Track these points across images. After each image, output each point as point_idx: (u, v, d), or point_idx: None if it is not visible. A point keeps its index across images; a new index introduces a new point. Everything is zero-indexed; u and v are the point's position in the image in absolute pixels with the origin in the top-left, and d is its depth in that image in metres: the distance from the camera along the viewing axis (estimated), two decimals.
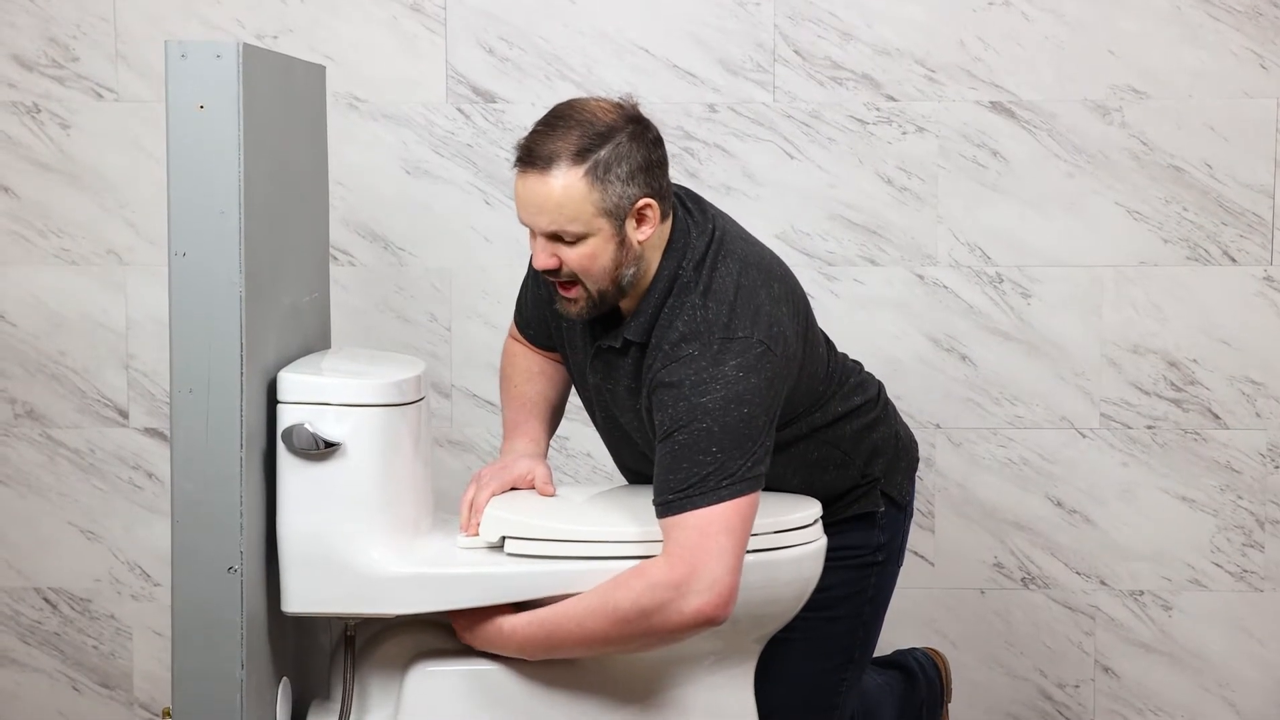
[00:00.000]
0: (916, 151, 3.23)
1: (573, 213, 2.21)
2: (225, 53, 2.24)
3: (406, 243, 3.29)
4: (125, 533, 3.33)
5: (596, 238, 2.23)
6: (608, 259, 2.25)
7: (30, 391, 3.31)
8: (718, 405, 2.20)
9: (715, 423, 2.20)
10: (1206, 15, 3.19)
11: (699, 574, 2.18)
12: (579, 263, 2.24)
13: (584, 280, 2.26)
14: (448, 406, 3.31)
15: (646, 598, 2.20)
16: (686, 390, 2.21)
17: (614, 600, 2.22)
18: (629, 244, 2.25)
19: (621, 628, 2.23)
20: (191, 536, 2.27)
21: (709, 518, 2.19)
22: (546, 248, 2.25)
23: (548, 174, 2.21)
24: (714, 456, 2.20)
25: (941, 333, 3.27)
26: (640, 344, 2.32)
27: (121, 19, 3.25)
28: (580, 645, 2.27)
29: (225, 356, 2.25)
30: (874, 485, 2.53)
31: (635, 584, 2.21)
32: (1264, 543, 3.27)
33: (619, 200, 2.22)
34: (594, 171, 2.21)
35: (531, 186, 2.23)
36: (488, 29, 3.25)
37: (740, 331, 2.25)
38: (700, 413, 2.20)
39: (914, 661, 2.90)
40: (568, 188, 2.20)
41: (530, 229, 2.27)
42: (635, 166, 2.23)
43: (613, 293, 2.29)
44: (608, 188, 2.21)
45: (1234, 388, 3.25)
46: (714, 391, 2.21)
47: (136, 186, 3.27)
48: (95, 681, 3.36)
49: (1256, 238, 3.22)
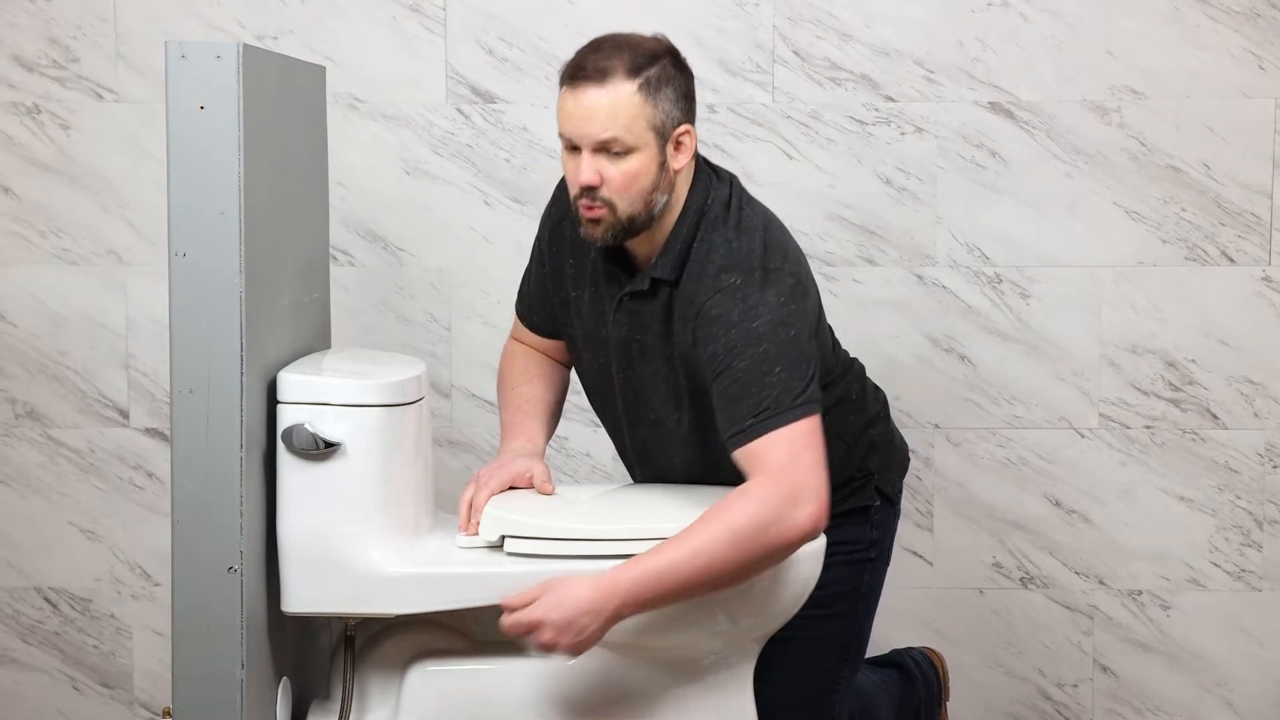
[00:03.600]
0: (915, 152, 3.24)
1: (626, 122, 2.28)
2: (225, 53, 2.24)
3: (406, 243, 3.30)
4: (125, 532, 3.34)
5: (643, 154, 2.30)
6: (648, 180, 2.31)
7: (31, 391, 3.32)
8: (769, 329, 2.28)
9: (771, 345, 2.27)
10: (1205, 16, 3.20)
11: (801, 487, 2.23)
12: (621, 180, 2.30)
13: (619, 201, 2.31)
14: (447, 406, 3.31)
15: (763, 512, 2.21)
16: (736, 318, 2.29)
17: (730, 522, 2.21)
18: (667, 169, 2.33)
19: (740, 549, 2.21)
20: (192, 536, 2.28)
21: (791, 436, 2.25)
22: (592, 163, 2.30)
23: (604, 85, 2.28)
24: (778, 377, 2.26)
25: (940, 333, 3.27)
26: (670, 283, 2.36)
27: (122, 20, 3.25)
28: (694, 582, 2.22)
29: (225, 357, 2.26)
30: (869, 480, 2.55)
31: (747, 503, 2.22)
32: (1262, 542, 3.27)
33: (665, 120, 2.31)
34: (647, 87, 2.29)
35: (587, 97, 2.28)
36: (487, 29, 3.25)
37: (773, 264, 2.33)
38: (755, 338, 2.27)
39: (910, 660, 2.91)
40: (625, 98, 2.28)
41: (575, 144, 2.31)
42: (679, 92, 2.33)
43: (641, 219, 2.34)
44: (658, 104, 2.30)
45: (1232, 388, 3.25)
46: (763, 316, 2.28)
47: (137, 187, 3.27)
48: (95, 681, 3.37)
49: (1255, 238, 3.23)
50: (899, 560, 3.28)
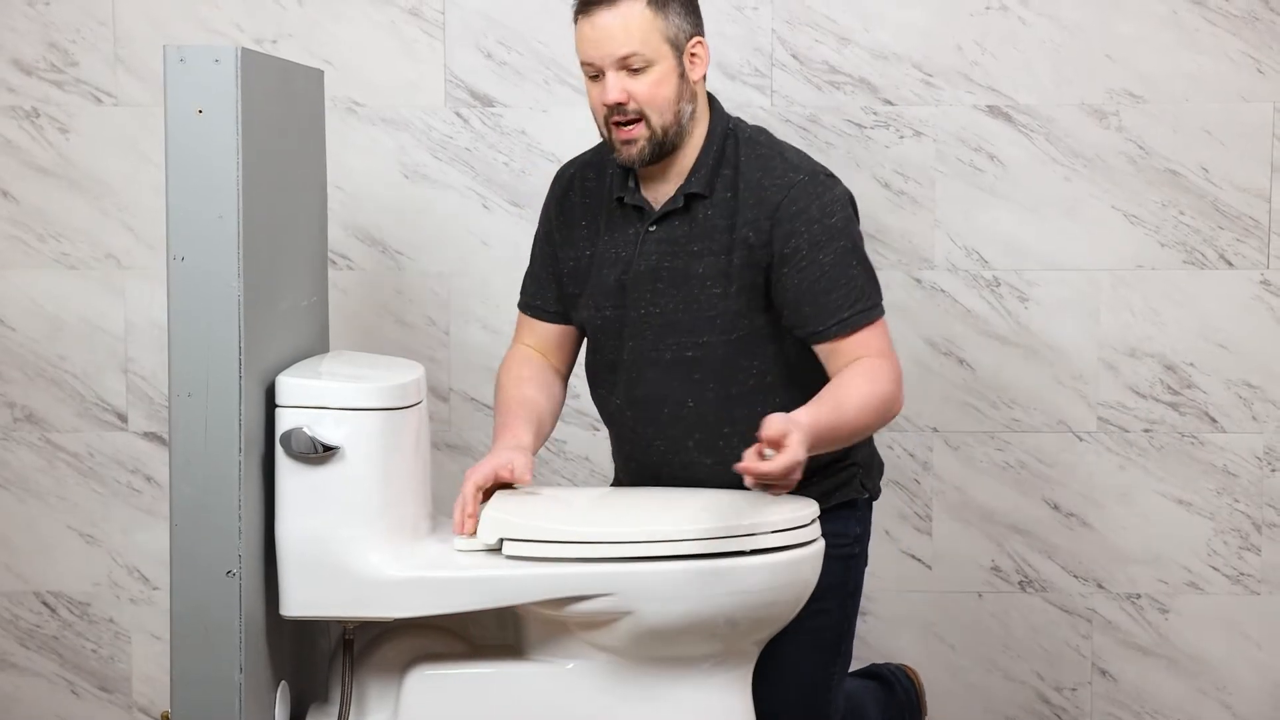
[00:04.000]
0: (914, 155, 3.24)
1: (642, 37, 2.42)
2: (224, 57, 2.24)
3: (405, 247, 3.30)
4: (124, 536, 3.34)
5: (661, 65, 2.43)
6: (671, 90, 2.44)
7: (29, 395, 3.32)
8: (844, 225, 2.46)
9: (848, 240, 2.45)
10: (1203, 20, 3.20)
11: (900, 372, 2.45)
12: (647, 92, 2.43)
13: (650, 113, 2.43)
14: (446, 410, 3.31)
15: (893, 389, 2.42)
16: (815, 213, 2.44)
17: (879, 393, 2.40)
18: (687, 80, 2.47)
19: (877, 414, 2.41)
20: (190, 540, 2.28)
21: (881, 332, 2.46)
22: (617, 81, 2.43)
23: (616, 5, 2.42)
24: (859, 271, 2.45)
25: (939, 336, 3.27)
26: (704, 197, 2.48)
27: (121, 24, 3.25)
28: (843, 436, 2.38)
29: (224, 360, 2.26)
30: (856, 474, 2.59)
31: (887, 377, 2.42)
32: (1260, 546, 3.28)
33: (678, 32, 2.45)
34: (655, 3, 2.43)
35: (602, 19, 2.43)
36: (486, 33, 3.25)
37: (827, 171, 2.51)
38: (835, 233, 2.44)
39: (889, 672, 2.94)
40: (638, 14, 2.42)
41: (597, 68, 2.44)
42: (686, 6, 2.48)
43: (673, 130, 2.46)
44: (669, 17, 2.44)
45: (1231, 391, 3.26)
46: (837, 213, 2.46)
47: (135, 191, 3.27)
48: (94, 685, 3.37)
49: (1253, 241, 3.23)
50: (898, 564, 3.29)
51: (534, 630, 2.42)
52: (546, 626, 2.40)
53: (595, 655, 2.39)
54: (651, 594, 2.32)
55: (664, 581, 2.32)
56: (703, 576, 2.32)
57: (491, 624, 2.50)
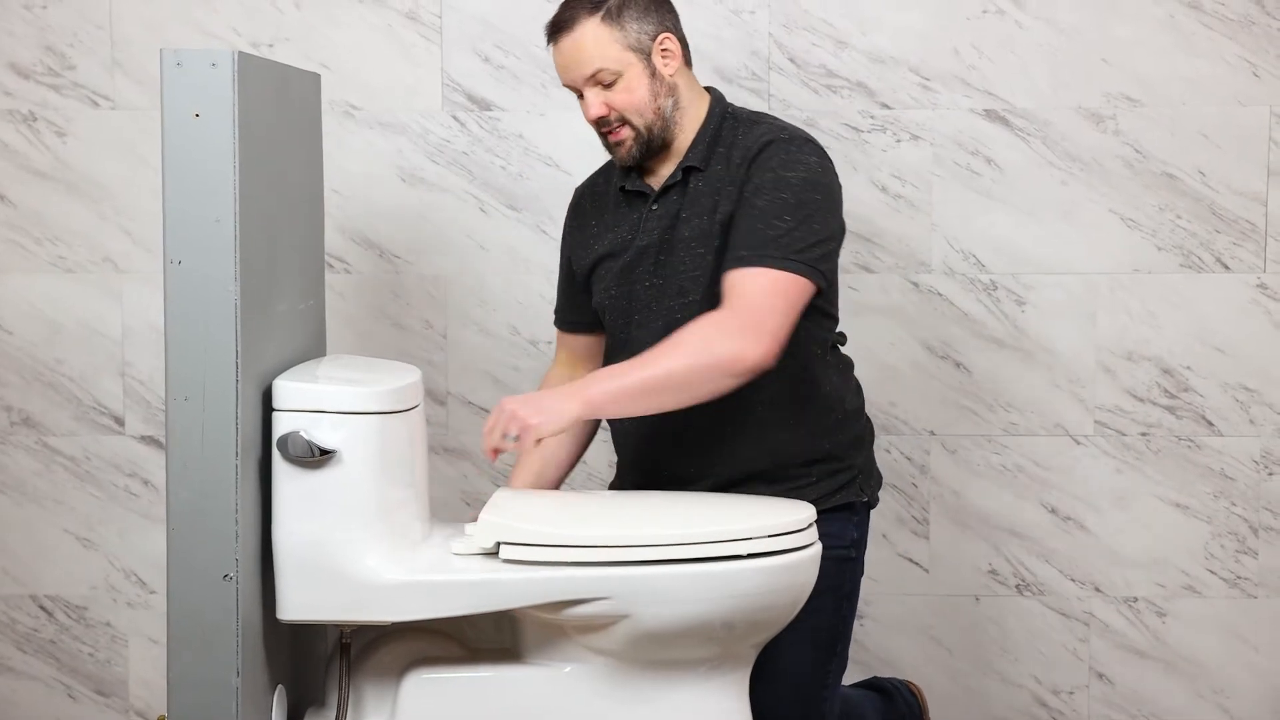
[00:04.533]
0: (911, 159, 3.24)
1: (602, 52, 2.51)
2: (221, 61, 2.24)
3: (402, 250, 3.30)
4: (121, 540, 3.34)
5: (629, 73, 2.52)
6: (644, 91, 2.53)
7: (26, 399, 3.32)
8: (798, 182, 2.48)
9: (793, 196, 2.47)
10: (1199, 24, 3.20)
11: (759, 324, 2.40)
12: (623, 99, 2.53)
13: (632, 116, 2.53)
14: (443, 414, 3.31)
15: (717, 336, 2.38)
16: (775, 165, 2.50)
17: (685, 343, 2.39)
18: (660, 76, 2.55)
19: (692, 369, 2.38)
20: (187, 544, 2.28)
21: (774, 279, 2.43)
22: (594, 97, 2.54)
23: (572, 31, 2.53)
24: (786, 223, 2.45)
25: (936, 340, 3.27)
26: (700, 169, 2.56)
27: (118, 27, 3.25)
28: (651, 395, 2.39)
29: (221, 364, 2.26)
30: (855, 477, 2.60)
31: (706, 327, 2.40)
32: (1257, 549, 3.28)
33: (639, 36, 2.53)
34: (609, 16, 2.52)
35: (565, 46, 2.54)
36: (483, 37, 3.25)
37: (812, 141, 2.57)
38: (782, 184, 2.48)
39: (890, 685, 2.94)
40: (593, 33, 2.51)
41: (575, 88, 2.56)
42: (642, 9, 2.54)
43: (659, 126, 2.55)
44: (625, 26, 2.52)
45: (1228, 395, 3.26)
46: (797, 170, 2.49)
47: (133, 194, 3.27)
48: (91, 689, 3.36)
49: (1250, 245, 3.23)
50: (895, 567, 3.29)
51: (531, 634, 2.42)
52: (543, 630, 2.40)
53: (592, 659, 2.39)
54: (648, 597, 2.32)
55: (661, 585, 2.32)
56: (699, 580, 2.32)
57: (489, 627, 2.50)
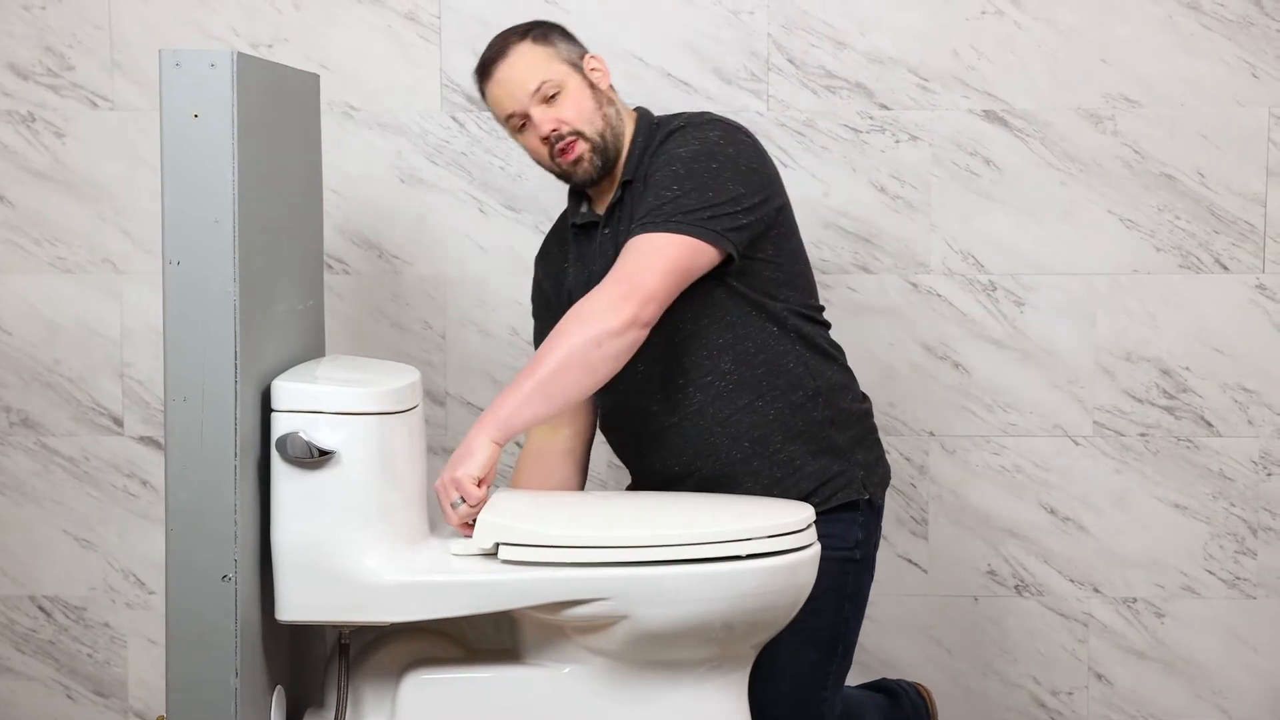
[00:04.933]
0: (910, 160, 3.24)
1: (542, 67, 2.58)
2: (220, 61, 2.24)
3: (401, 251, 3.30)
4: (120, 541, 3.34)
5: (570, 84, 2.58)
6: (589, 101, 2.59)
7: (25, 399, 3.32)
8: (689, 155, 2.51)
9: (682, 167, 2.50)
10: (1198, 24, 3.20)
11: (632, 283, 2.41)
12: (571, 110, 2.57)
13: (583, 126, 2.57)
14: (442, 414, 3.31)
15: (589, 313, 2.40)
16: (671, 147, 2.54)
17: (563, 330, 2.40)
18: (598, 88, 2.61)
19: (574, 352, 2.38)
20: (186, 544, 2.28)
21: (648, 240, 2.45)
22: (543, 115, 2.57)
23: (507, 56, 2.59)
24: (672, 193, 2.48)
25: (935, 340, 3.27)
26: (634, 181, 2.59)
27: (117, 28, 3.25)
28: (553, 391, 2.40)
29: (220, 365, 2.26)
30: (856, 475, 2.60)
31: (579, 304, 2.43)
32: (1256, 550, 3.28)
33: (569, 54, 2.61)
34: (540, 38, 2.61)
35: (501, 74, 2.59)
36: (482, 37, 3.23)
37: (725, 120, 2.59)
38: (674, 159, 2.51)
39: (898, 686, 2.94)
40: (528, 51, 2.59)
41: (520, 115, 2.58)
42: (563, 36, 2.64)
43: (609, 135, 2.59)
44: (556, 45, 2.61)
45: (1226, 395, 3.26)
46: (691, 145, 2.52)
47: (132, 195, 3.27)
48: (90, 690, 3.36)
49: (1249, 246, 3.23)
50: (894, 567, 3.29)
51: (530, 634, 2.42)
52: (543, 630, 2.40)
53: (592, 659, 2.39)
54: (647, 598, 2.32)
55: (660, 585, 2.32)
56: (698, 580, 2.32)
57: (488, 628, 2.50)
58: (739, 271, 2.54)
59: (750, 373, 2.56)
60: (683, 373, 2.57)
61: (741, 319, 2.56)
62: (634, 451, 2.68)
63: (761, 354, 2.57)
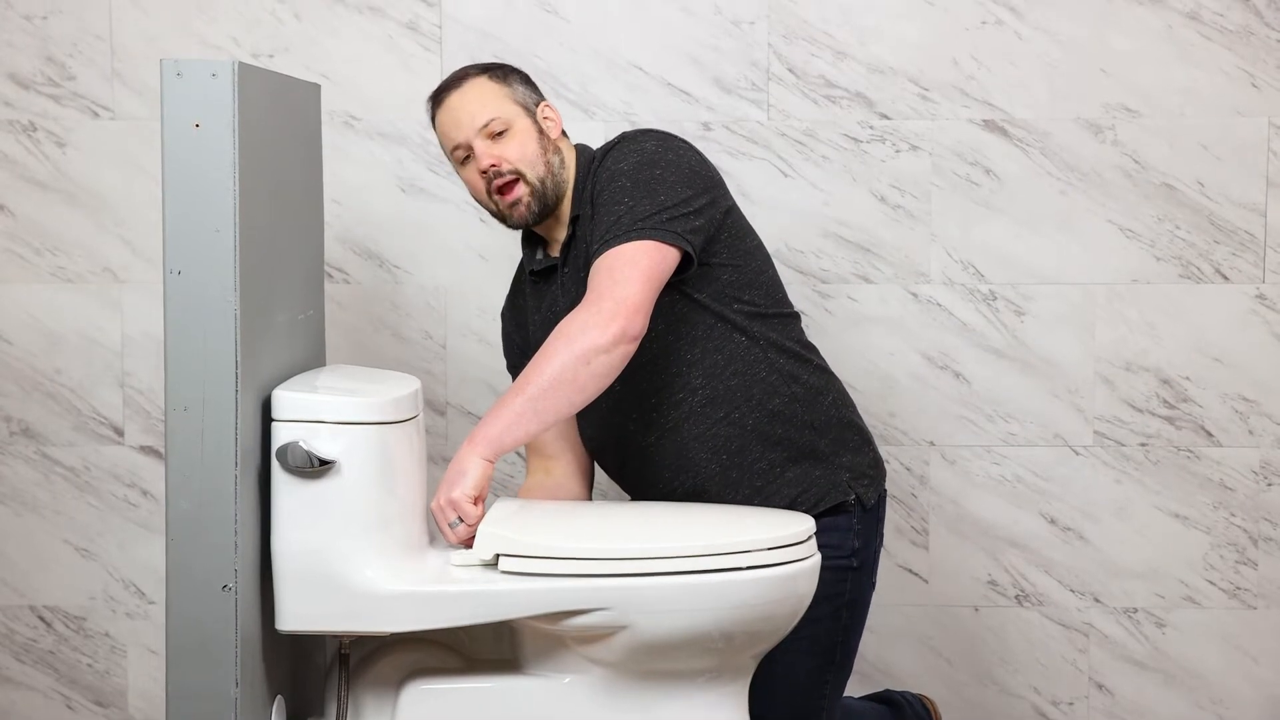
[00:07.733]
0: (910, 169, 3.24)
1: (493, 102, 2.59)
2: (221, 71, 2.25)
3: (402, 260, 3.30)
4: (120, 550, 3.33)
5: (519, 125, 2.59)
6: (535, 145, 2.59)
7: (26, 409, 3.32)
8: (631, 167, 2.52)
9: (628, 179, 2.51)
10: (1198, 35, 3.21)
11: (613, 297, 2.41)
12: (515, 151, 2.58)
13: (525, 169, 2.58)
14: (442, 424, 3.31)
15: (573, 333, 2.39)
16: (609, 164, 2.55)
17: (550, 351, 2.39)
18: (546, 135, 2.62)
19: (564, 359, 2.38)
20: (186, 554, 2.28)
21: (616, 255, 2.45)
22: (485, 149, 2.57)
23: (461, 86, 2.61)
24: (626, 206, 2.48)
25: (935, 350, 3.27)
26: (585, 217, 2.59)
27: (118, 38, 3.26)
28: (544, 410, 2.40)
29: (220, 374, 2.26)
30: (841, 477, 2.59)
31: (564, 323, 2.42)
32: (1257, 560, 3.28)
33: (524, 98, 2.63)
34: (497, 75, 2.63)
35: (453, 103, 2.60)
36: (483, 47, 3.25)
37: (659, 130, 2.62)
38: (616, 175, 2.53)
39: (901, 697, 2.93)
40: (483, 85, 2.61)
41: (464, 147, 2.59)
42: (523, 81, 2.65)
43: (550, 182, 2.59)
44: (512, 86, 2.62)
45: (1227, 405, 3.26)
46: (629, 158, 2.54)
47: (132, 205, 3.27)
48: (90, 699, 3.36)
49: (1249, 256, 3.23)
50: (894, 577, 3.29)
51: (530, 644, 2.42)
52: (543, 641, 2.40)
53: (591, 669, 2.39)
54: (647, 608, 2.32)
55: (660, 596, 2.32)
56: (698, 591, 2.32)
57: (488, 638, 2.50)
58: (698, 280, 2.55)
59: (723, 385, 2.57)
60: (655, 391, 2.58)
61: (706, 333, 2.57)
62: (618, 471, 2.70)
63: (732, 365, 2.57)
